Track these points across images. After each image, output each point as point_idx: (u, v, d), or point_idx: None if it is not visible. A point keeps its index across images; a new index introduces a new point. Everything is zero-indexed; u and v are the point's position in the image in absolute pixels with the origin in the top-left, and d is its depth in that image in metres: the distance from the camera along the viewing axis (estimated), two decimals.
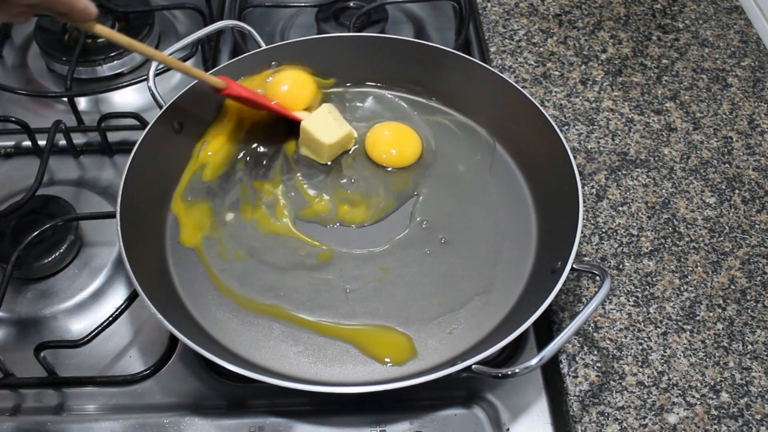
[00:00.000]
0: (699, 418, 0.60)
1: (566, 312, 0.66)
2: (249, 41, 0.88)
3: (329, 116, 0.75)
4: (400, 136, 0.77)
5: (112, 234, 0.65)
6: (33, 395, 0.64)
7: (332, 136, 0.73)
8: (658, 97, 0.84)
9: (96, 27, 0.55)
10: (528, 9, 0.94)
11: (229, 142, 0.75)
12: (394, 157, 0.76)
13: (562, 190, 0.65)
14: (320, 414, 0.62)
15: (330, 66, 0.80)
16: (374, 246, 0.69)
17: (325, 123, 0.74)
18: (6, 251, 0.68)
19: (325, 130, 0.73)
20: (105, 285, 0.71)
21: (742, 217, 0.73)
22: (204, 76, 0.68)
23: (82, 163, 0.82)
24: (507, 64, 0.87)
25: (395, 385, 0.53)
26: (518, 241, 0.69)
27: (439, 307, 0.64)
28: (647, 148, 0.79)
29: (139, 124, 0.79)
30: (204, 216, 0.71)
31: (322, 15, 0.95)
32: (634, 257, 0.70)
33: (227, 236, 0.69)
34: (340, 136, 0.73)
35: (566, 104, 0.83)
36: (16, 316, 0.68)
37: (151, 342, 0.67)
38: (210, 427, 0.61)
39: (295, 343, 0.62)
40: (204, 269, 0.67)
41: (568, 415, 0.60)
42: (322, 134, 0.73)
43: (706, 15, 0.94)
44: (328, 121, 0.74)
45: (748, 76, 0.86)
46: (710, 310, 0.66)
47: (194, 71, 0.68)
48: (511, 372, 0.53)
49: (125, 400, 0.63)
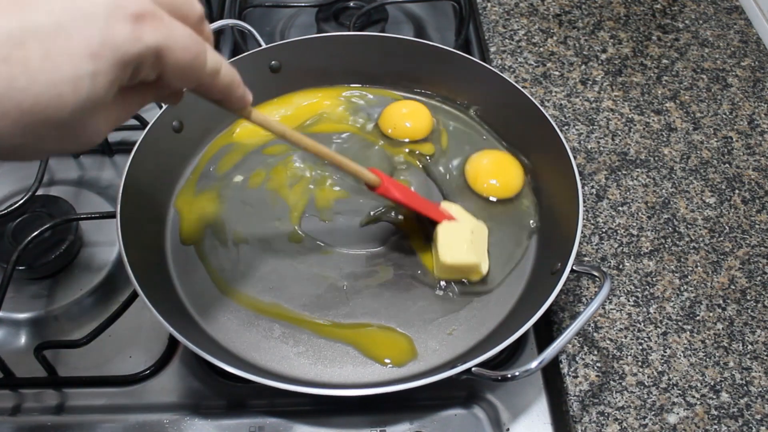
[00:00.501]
0: (699, 418, 0.60)
1: (566, 312, 0.66)
2: (249, 41, 0.88)
3: (470, 235, 0.64)
4: (499, 164, 0.74)
5: (112, 234, 0.65)
6: (33, 395, 0.64)
7: (456, 256, 0.63)
8: (658, 97, 0.84)
9: (253, 114, 0.49)
10: (528, 9, 0.94)
11: None
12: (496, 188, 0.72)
13: (562, 190, 0.65)
14: (320, 414, 0.62)
15: (330, 66, 0.80)
16: (374, 246, 0.69)
17: (460, 239, 0.64)
18: (6, 251, 0.68)
19: (455, 245, 0.64)
20: (105, 285, 0.71)
21: (742, 217, 0.73)
22: (359, 172, 0.60)
23: (82, 163, 0.82)
24: (507, 64, 0.87)
25: (395, 388, 0.53)
26: (518, 241, 0.69)
27: (439, 308, 0.64)
28: (647, 148, 0.79)
29: (139, 124, 0.79)
30: (209, 202, 0.71)
31: (322, 15, 0.95)
32: (634, 257, 0.70)
33: (228, 209, 0.70)
34: (463, 262, 0.63)
35: (566, 104, 0.83)
36: (16, 316, 0.68)
37: (151, 342, 0.67)
38: (210, 427, 0.61)
39: (295, 344, 0.62)
40: (204, 269, 0.67)
41: (568, 415, 0.60)
42: (448, 247, 0.63)
43: (706, 15, 0.94)
44: (465, 238, 0.64)
45: (748, 76, 0.87)
46: (710, 310, 0.66)
47: (351, 167, 0.59)
48: (510, 375, 0.53)
49: (125, 400, 0.63)
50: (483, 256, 0.65)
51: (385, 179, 0.62)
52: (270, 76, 0.78)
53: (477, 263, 0.63)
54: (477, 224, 0.66)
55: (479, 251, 0.64)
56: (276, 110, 0.80)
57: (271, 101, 0.80)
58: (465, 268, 0.64)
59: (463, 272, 0.64)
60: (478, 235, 0.65)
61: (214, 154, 0.76)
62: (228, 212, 0.71)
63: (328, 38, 0.79)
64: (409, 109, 0.78)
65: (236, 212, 0.71)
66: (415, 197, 0.66)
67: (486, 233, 0.67)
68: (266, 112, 0.79)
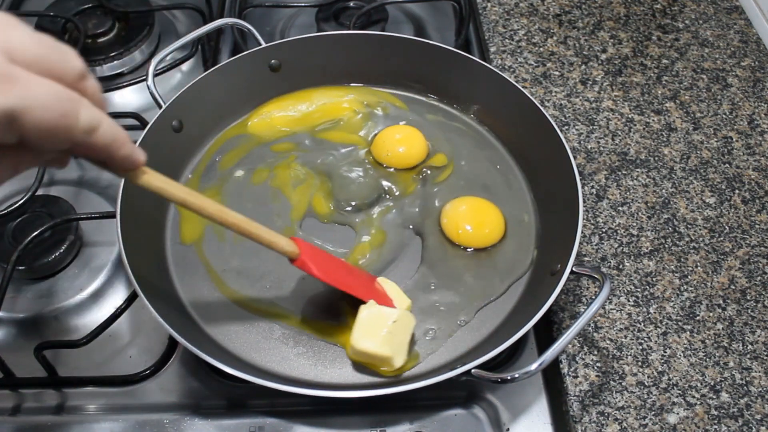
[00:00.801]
0: (699, 418, 0.60)
1: (566, 312, 0.66)
2: (249, 41, 0.88)
3: (390, 324, 0.58)
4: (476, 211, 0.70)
5: (112, 234, 0.65)
6: (33, 395, 0.64)
7: (369, 342, 0.58)
8: (658, 97, 0.84)
9: (145, 178, 0.44)
10: (528, 9, 0.94)
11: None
12: (468, 235, 0.68)
13: (562, 190, 0.65)
14: (320, 414, 0.62)
15: (330, 65, 0.80)
16: None
17: (379, 326, 0.58)
18: (6, 251, 0.68)
19: (371, 331, 0.58)
20: (105, 285, 0.71)
21: (742, 217, 0.73)
22: (273, 244, 0.54)
23: (82, 163, 0.82)
24: (507, 64, 0.87)
25: (395, 389, 0.53)
26: (518, 241, 0.69)
27: (438, 310, 0.64)
28: (647, 148, 0.79)
29: (139, 123, 0.79)
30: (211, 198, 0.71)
31: (322, 15, 0.95)
32: (634, 257, 0.70)
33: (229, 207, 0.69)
34: (374, 351, 0.58)
35: (566, 104, 0.83)
36: (16, 316, 0.68)
37: (151, 342, 0.67)
38: (210, 427, 0.61)
39: (295, 345, 0.62)
40: (204, 269, 0.67)
41: (568, 415, 0.60)
42: (363, 332, 0.58)
43: (706, 15, 0.94)
44: (384, 327, 0.58)
45: (748, 76, 0.86)
46: (710, 310, 0.66)
47: (264, 238, 0.54)
48: (510, 377, 0.53)
49: (125, 400, 0.63)
50: (400, 349, 0.59)
51: (306, 251, 0.57)
52: (270, 75, 0.78)
53: (389, 356, 0.57)
54: (403, 315, 0.59)
55: (396, 343, 0.58)
56: (294, 105, 0.80)
57: (290, 95, 0.80)
58: (376, 357, 0.58)
59: (375, 360, 0.59)
60: (401, 325, 0.59)
61: (221, 145, 0.77)
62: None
63: (328, 37, 0.79)
64: (403, 135, 0.76)
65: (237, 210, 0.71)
66: (339, 272, 0.61)
67: (412, 325, 0.60)
68: (284, 106, 0.79)
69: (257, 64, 0.77)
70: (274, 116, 0.79)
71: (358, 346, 0.58)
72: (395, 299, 0.63)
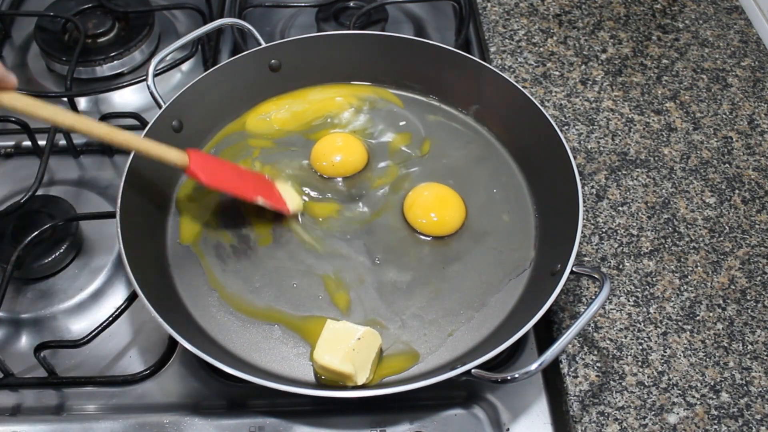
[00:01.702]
0: (699, 418, 0.60)
1: (566, 312, 0.66)
2: (249, 41, 0.88)
3: (354, 342, 0.57)
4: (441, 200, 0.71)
5: (112, 234, 0.65)
6: (33, 395, 0.64)
7: (331, 358, 0.57)
8: (658, 97, 0.84)
9: (4, 98, 0.46)
10: (528, 9, 0.94)
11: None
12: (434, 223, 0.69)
13: (562, 190, 0.65)
14: (320, 414, 0.62)
15: (330, 64, 0.80)
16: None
17: (343, 342, 0.58)
18: (6, 251, 0.68)
19: (334, 347, 0.58)
20: (105, 285, 0.71)
21: (742, 217, 0.73)
22: (163, 156, 0.55)
23: (82, 163, 0.82)
24: (507, 64, 0.87)
25: (395, 389, 0.53)
26: (518, 241, 0.69)
27: (439, 309, 0.64)
28: (647, 148, 0.79)
29: (138, 124, 0.79)
30: (209, 198, 0.71)
31: (322, 15, 0.95)
32: (634, 257, 0.70)
33: (228, 206, 0.70)
34: (335, 367, 0.57)
35: (566, 104, 0.83)
36: (16, 316, 0.68)
37: (151, 342, 0.67)
38: (210, 427, 0.61)
39: (295, 345, 0.62)
40: (204, 270, 0.67)
41: (568, 415, 0.60)
42: (326, 348, 0.58)
43: (706, 15, 0.94)
44: (347, 343, 0.57)
45: (748, 76, 0.86)
46: (710, 310, 0.66)
47: (153, 151, 0.55)
48: (510, 377, 0.53)
49: (125, 400, 0.63)
50: (363, 366, 0.57)
51: (195, 161, 0.57)
52: (270, 75, 0.78)
53: (351, 373, 0.56)
54: (368, 333, 0.59)
55: (360, 360, 0.57)
56: (291, 105, 0.80)
57: (289, 94, 0.80)
58: (338, 374, 0.57)
59: (337, 376, 0.58)
60: (365, 343, 0.58)
61: (218, 143, 0.77)
62: (228, 210, 0.71)
63: (328, 37, 0.80)
64: (343, 142, 0.75)
65: (236, 209, 0.71)
66: (229, 177, 0.61)
67: (378, 343, 0.59)
68: (277, 107, 0.79)
69: (257, 64, 0.77)
70: (273, 116, 0.79)
71: (320, 362, 0.57)
72: (288, 199, 0.68)
